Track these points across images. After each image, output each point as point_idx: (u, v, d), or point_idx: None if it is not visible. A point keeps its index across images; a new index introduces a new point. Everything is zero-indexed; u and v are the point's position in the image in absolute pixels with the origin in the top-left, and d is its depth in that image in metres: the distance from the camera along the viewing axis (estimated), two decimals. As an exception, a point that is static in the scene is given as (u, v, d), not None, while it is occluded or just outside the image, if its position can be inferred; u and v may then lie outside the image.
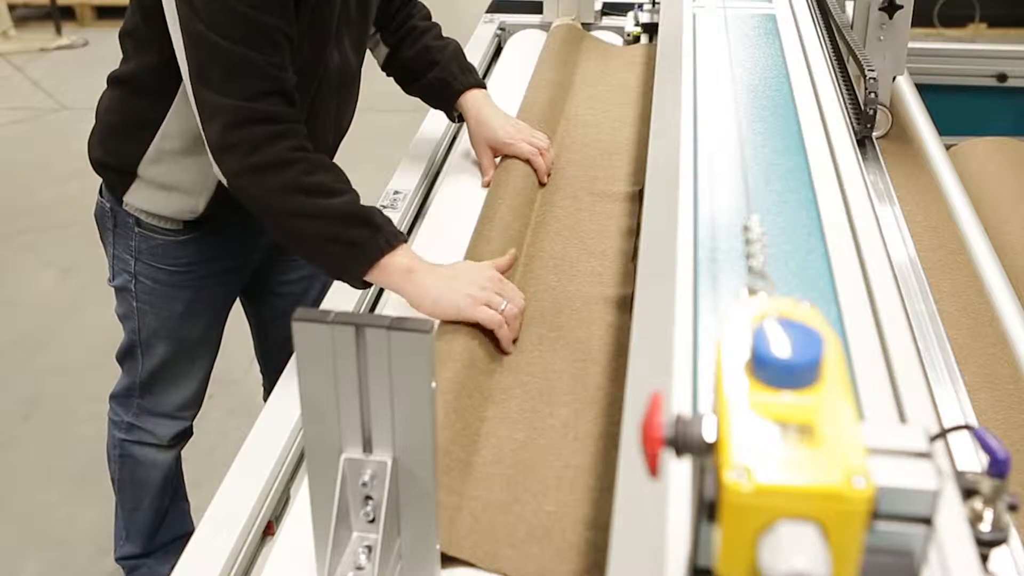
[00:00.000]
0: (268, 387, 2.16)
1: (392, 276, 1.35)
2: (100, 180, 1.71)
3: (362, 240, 1.34)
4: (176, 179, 1.59)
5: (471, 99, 1.76)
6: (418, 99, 1.85)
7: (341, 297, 1.49)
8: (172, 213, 1.64)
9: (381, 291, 1.58)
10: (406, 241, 1.38)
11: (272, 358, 2.10)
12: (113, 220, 1.69)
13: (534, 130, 1.76)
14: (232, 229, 1.70)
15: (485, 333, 1.31)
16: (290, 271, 1.94)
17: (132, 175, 1.61)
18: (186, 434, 1.91)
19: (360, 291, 1.49)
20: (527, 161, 1.70)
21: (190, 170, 1.57)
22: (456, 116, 1.82)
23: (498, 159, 1.74)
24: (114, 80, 1.63)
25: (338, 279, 1.41)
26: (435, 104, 1.86)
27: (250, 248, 1.78)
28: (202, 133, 1.38)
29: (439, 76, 1.77)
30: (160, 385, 1.81)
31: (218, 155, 1.37)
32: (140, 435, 1.86)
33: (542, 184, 1.71)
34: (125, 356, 1.82)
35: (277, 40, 1.36)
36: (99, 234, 1.76)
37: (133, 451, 1.88)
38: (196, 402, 1.88)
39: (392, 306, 1.45)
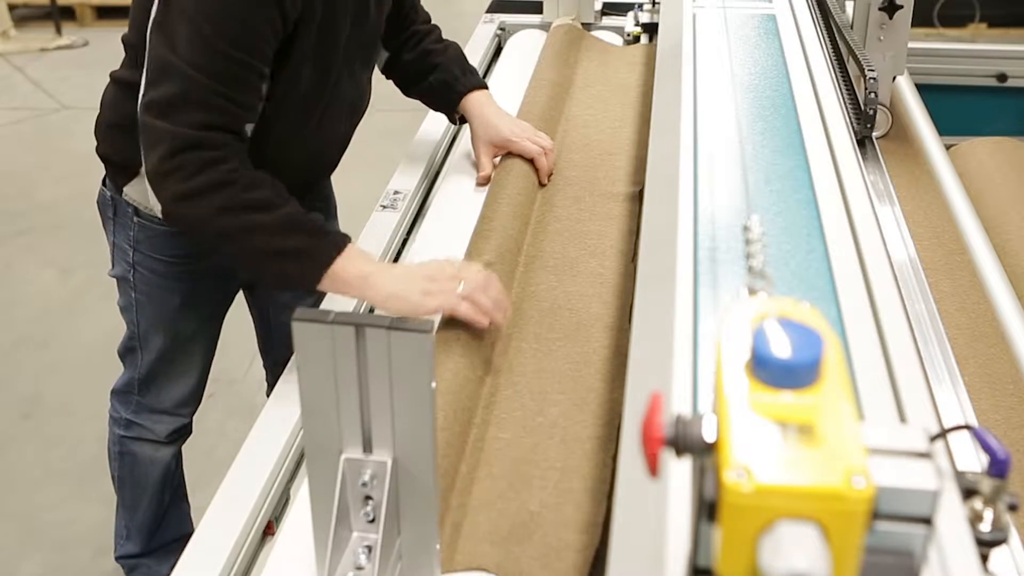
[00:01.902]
0: (272, 381, 2.17)
1: (348, 283, 1.34)
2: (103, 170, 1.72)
3: (307, 248, 1.32)
4: None
5: (475, 100, 1.77)
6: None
7: (341, 297, 1.49)
8: None
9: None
10: (351, 241, 1.36)
11: (274, 352, 2.11)
12: (113, 209, 1.70)
13: (537, 131, 1.76)
14: None
15: (483, 334, 1.31)
16: None
17: (134, 170, 1.61)
18: (184, 431, 1.91)
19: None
20: (530, 161, 1.70)
21: None
22: (457, 118, 1.81)
23: (497, 159, 1.74)
24: (118, 81, 1.63)
25: (288, 290, 1.38)
26: (436, 107, 1.86)
27: None
28: (143, 161, 1.36)
29: (441, 79, 1.77)
30: (158, 381, 1.82)
31: (155, 182, 1.34)
32: (139, 431, 1.87)
33: (542, 184, 1.71)
34: (126, 350, 1.82)
35: (242, 77, 1.35)
36: (101, 223, 1.76)
37: (132, 448, 1.88)
38: (195, 399, 1.88)
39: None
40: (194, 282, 1.73)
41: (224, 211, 1.32)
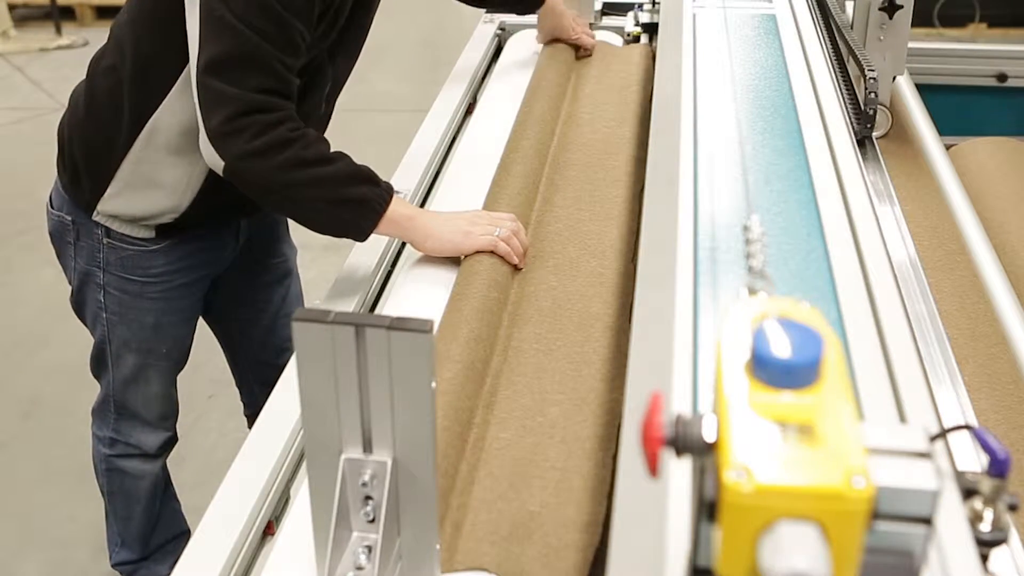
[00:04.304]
0: (249, 404, 2.14)
1: (397, 224, 1.45)
2: (52, 195, 1.70)
3: (367, 196, 1.43)
4: (162, 175, 1.58)
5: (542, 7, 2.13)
6: (418, 98, 1.88)
7: (341, 297, 1.49)
8: (153, 213, 1.62)
9: (381, 291, 1.58)
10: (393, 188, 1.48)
11: (248, 375, 2.09)
12: (75, 233, 1.67)
13: (587, 27, 2.17)
14: (205, 232, 1.70)
15: (483, 335, 1.31)
16: (250, 283, 1.93)
17: (110, 177, 1.59)
18: (171, 442, 1.90)
19: (360, 291, 1.50)
20: (578, 48, 2.14)
21: (177, 166, 1.57)
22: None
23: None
24: (102, 71, 1.61)
25: (343, 237, 1.48)
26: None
27: (216, 258, 1.78)
28: (200, 120, 1.40)
29: (511, 5, 2.18)
30: (134, 398, 1.80)
31: (219, 141, 1.39)
32: (124, 448, 1.85)
33: (581, 57, 2.16)
34: (98, 367, 1.81)
35: (295, 42, 1.41)
36: (56, 250, 1.74)
37: (120, 464, 1.87)
38: (173, 411, 1.88)
39: (392, 306, 1.45)
40: (167, 300, 1.72)
41: (290, 167, 1.39)
